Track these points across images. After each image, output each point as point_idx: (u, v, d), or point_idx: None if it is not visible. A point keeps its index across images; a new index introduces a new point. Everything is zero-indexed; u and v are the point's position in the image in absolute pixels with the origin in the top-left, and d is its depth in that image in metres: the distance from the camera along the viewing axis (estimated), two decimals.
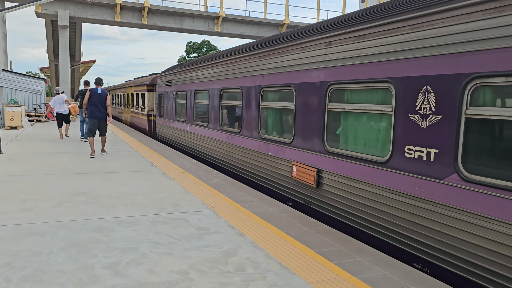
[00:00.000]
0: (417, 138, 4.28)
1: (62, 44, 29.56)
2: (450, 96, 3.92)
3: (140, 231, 4.73)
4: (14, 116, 18.15)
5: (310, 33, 6.33)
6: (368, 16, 5.23)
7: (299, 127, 6.39)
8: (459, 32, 3.80)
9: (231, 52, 9.57)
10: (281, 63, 6.97)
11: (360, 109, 5.16)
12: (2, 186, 6.88)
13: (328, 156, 5.68)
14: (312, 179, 5.96)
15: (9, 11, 11.59)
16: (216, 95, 9.96)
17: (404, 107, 4.45)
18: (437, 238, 3.98)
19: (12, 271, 3.59)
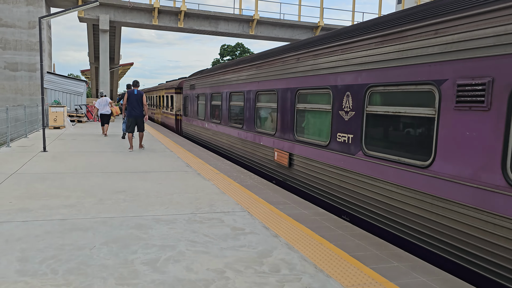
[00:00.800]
0: (343, 128, 6.17)
1: (103, 47, 30.62)
2: (360, 98, 5.75)
3: (177, 230, 4.85)
4: (57, 117, 18.97)
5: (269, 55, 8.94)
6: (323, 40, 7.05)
7: (280, 122, 8.37)
8: (360, 56, 5.77)
9: (238, 62, 11.89)
10: (269, 73, 9.00)
11: (312, 108, 7.14)
12: (47, 182, 7.22)
13: (296, 143, 7.63)
14: (286, 161, 7.90)
15: (54, 16, 12.13)
16: (226, 97, 12.01)
17: (336, 106, 6.32)
18: (354, 196, 5.85)
19: (58, 264, 3.77)
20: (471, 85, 4.04)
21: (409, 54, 4.83)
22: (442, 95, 4.38)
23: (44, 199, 6.11)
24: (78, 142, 13.78)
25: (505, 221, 3.62)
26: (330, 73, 6.43)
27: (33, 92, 25.54)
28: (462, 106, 4.15)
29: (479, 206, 3.89)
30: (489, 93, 3.86)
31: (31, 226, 4.82)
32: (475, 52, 3.98)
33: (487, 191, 3.83)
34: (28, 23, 25.16)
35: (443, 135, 4.36)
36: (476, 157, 3.99)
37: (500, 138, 3.76)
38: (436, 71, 4.46)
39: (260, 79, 9.42)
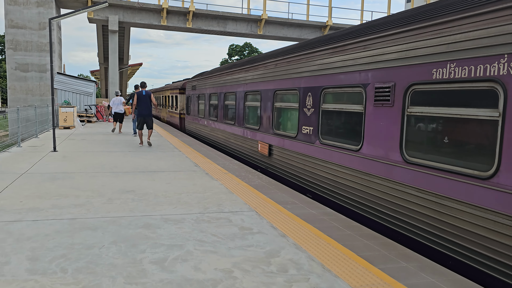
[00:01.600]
0: (306, 122, 7.53)
1: (112, 48, 30.85)
2: (317, 97, 7.15)
3: (185, 229, 4.87)
4: (67, 117, 19.14)
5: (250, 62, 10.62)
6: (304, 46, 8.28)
7: (262, 118, 9.77)
8: (318, 64, 7.10)
9: (230, 66, 13.36)
10: (255, 76, 10.40)
11: (286, 106, 8.55)
12: (57, 182, 7.30)
13: (274, 136, 9.02)
14: (266, 151, 9.37)
15: (65, 17, 12.24)
16: (221, 97, 13.45)
17: (302, 104, 7.69)
18: (313, 176, 7.22)
19: (68, 263, 3.81)
20: (383, 88, 5.45)
21: (348, 63, 6.26)
22: (367, 95, 5.80)
23: (54, 198, 6.17)
24: (88, 142, 13.90)
25: (401, 186, 5.05)
26: (298, 77, 7.88)
27: (43, 93, 25.83)
28: (378, 103, 5.55)
29: (387, 177, 5.30)
30: (392, 93, 5.26)
31: (41, 225, 4.87)
32: (385, 64, 5.43)
33: (392, 165, 5.23)
34: (39, 24, 25.44)
35: (367, 126, 5.77)
36: (386, 141, 5.36)
37: (399, 127, 5.13)
38: (363, 77, 5.89)
39: (248, 81, 10.83)
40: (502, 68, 3.80)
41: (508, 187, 3.72)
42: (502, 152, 3.79)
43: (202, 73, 18.44)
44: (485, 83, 4.00)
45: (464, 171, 4.17)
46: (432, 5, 5.18)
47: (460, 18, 4.33)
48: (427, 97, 4.73)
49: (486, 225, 3.91)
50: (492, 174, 3.87)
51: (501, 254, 3.77)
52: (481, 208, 3.96)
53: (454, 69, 4.31)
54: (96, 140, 14.40)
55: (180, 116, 22.69)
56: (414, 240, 4.87)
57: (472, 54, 4.12)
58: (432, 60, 4.60)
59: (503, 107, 3.80)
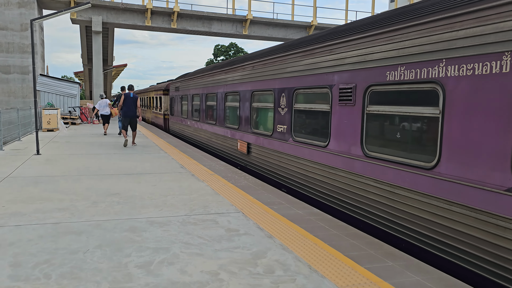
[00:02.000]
0: (280, 121, 8.01)
1: (96, 49, 30.48)
2: (290, 98, 7.62)
3: (171, 232, 4.84)
4: (51, 119, 18.85)
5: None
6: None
7: (241, 117, 10.21)
8: (290, 67, 7.60)
9: (212, 68, 13.80)
10: (234, 78, 10.87)
11: (262, 106, 8.98)
12: (41, 186, 7.18)
13: (252, 135, 9.47)
14: (245, 149, 9.83)
15: (47, 18, 12.04)
16: (203, 98, 13.90)
17: (276, 104, 8.18)
18: (287, 172, 7.73)
19: (51, 268, 3.74)
20: (346, 89, 5.94)
21: (316, 66, 6.70)
22: (333, 95, 6.27)
23: (38, 202, 6.07)
24: (72, 144, 13.71)
25: (361, 178, 5.54)
26: (273, 78, 8.38)
27: (26, 95, 25.39)
28: (342, 102, 6.03)
29: (350, 170, 5.80)
30: (354, 94, 5.74)
31: (24, 231, 4.78)
32: (347, 67, 5.90)
33: (354, 159, 5.72)
34: (21, 26, 25.00)
35: (333, 124, 6.26)
36: (349, 138, 5.84)
37: (359, 124, 5.62)
38: (329, 78, 6.35)
39: (228, 83, 11.30)
40: (441, 71, 4.31)
41: (447, 176, 4.23)
42: (442, 145, 4.29)
43: (185, 74, 18.92)
44: (428, 84, 4.50)
45: (412, 162, 4.69)
46: (387, 13, 5.78)
47: (407, 26, 4.82)
48: (382, 97, 5.25)
49: (429, 210, 4.43)
50: (434, 165, 4.38)
51: (442, 235, 4.27)
52: (426, 194, 4.47)
53: (404, 72, 4.81)
54: (80, 143, 14.21)
55: (165, 117, 23.14)
56: (373, 226, 5.35)
57: (417, 58, 4.61)
58: (386, 63, 5.10)
59: (442, 105, 4.30)
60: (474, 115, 3.95)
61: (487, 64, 3.81)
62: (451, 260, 4.16)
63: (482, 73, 3.87)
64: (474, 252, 3.89)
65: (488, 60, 3.80)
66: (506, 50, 3.63)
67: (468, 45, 4.00)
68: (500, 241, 3.65)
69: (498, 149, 3.70)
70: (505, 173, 3.62)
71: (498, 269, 3.69)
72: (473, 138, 3.95)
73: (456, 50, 4.14)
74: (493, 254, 3.72)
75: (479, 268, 3.87)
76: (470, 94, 3.98)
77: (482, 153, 3.85)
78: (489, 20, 3.81)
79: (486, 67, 3.83)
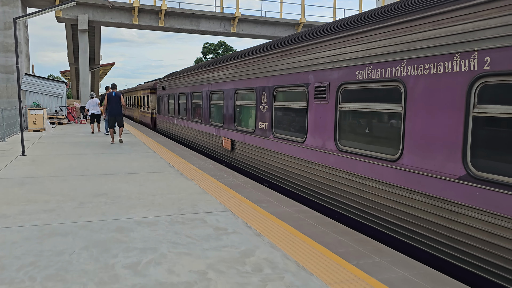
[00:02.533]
0: (262, 118, 8.30)
1: (82, 47, 30.10)
2: (270, 96, 7.92)
3: (159, 232, 4.80)
4: (37, 119, 18.59)
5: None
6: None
7: (225, 115, 10.50)
8: (270, 66, 7.89)
9: (197, 67, 14.09)
10: (218, 77, 11.13)
11: (245, 104, 9.27)
12: (26, 187, 7.07)
13: (236, 132, 9.76)
14: (229, 146, 10.11)
15: (31, 16, 11.85)
16: (189, 96, 14.20)
17: (258, 102, 8.46)
18: (268, 167, 8.03)
19: (36, 270, 3.69)
20: (320, 87, 6.25)
21: (294, 65, 7.04)
22: (309, 93, 6.57)
23: (23, 204, 5.97)
24: (59, 144, 13.54)
25: (335, 171, 5.90)
26: (254, 77, 8.66)
27: (11, 95, 24.98)
28: (317, 100, 6.35)
29: (324, 163, 6.16)
30: (328, 92, 6.07)
31: (8, 233, 4.70)
32: (321, 66, 6.22)
33: (328, 153, 6.08)
34: (4, 24, 24.58)
35: (310, 120, 6.57)
36: (324, 133, 6.17)
37: (333, 120, 5.96)
38: (305, 77, 6.67)
39: (212, 81, 11.66)
40: (402, 70, 4.65)
41: (409, 167, 4.59)
42: (405, 139, 4.64)
43: (172, 73, 19.15)
44: (392, 82, 4.84)
45: (379, 155, 5.04)
46: (357, 16, 6.12)
47: (373, 29, 5.16)
48: (352, 95, 5.60)
49: (394, 199, 4.77)
50: (398, 157, 4.74)
51: (405, 221, 4.61)
52: (390, 185, 4.83)
53: (371, 71, 5.16)
54: (67, 143, 14.04)
55: (152, 116, 23.24)
56: (345, 216, 5.71)
57: (382, 59, 4.95)
58: (356, 63, 5.44)
59: (404, 102, 4.65)
60: (430, 111, 4.31)
61: (441, 64, 4.17)
62: (414, 245, 4.51)
63: (437, 72, 4.22)
64: (432, 236, 4.27)
65: (442, 60, 4.15)
66: (457, 52, 3.98)
67: (424, 46, 4.36)
68: (452, 225, 4.03)
69: (451, 142, 4.06)
70: (457, 164, 3.99)
71: (451, 250, 4.07)
72: (430, 132, 4.31)
73: (415, 51, 4.48)
74: (447, 237, 4.10)
75: (436, 250, 4.24)
76: (427, 92, 4.34)
77: (438, 145, 4.22)
78: (442, 24, 4.17)
79: (440, 67, 4.19)
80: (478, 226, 3.76)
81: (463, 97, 3.93)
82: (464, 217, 3.90)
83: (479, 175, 3.78)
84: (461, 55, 3.94)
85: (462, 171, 3.92)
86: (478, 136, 3.83)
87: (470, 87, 3.85)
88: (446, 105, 4.11)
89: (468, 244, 3.87)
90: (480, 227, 3.74)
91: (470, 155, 3.89)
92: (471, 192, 3.83)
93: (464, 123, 3.92)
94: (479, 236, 3.76)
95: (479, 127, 3.82)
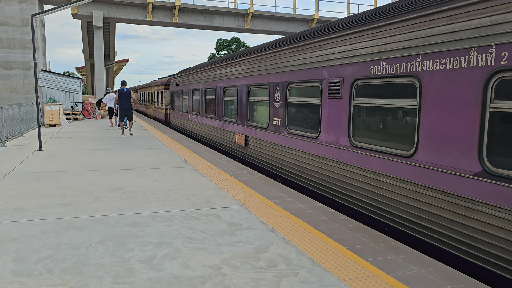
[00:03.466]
0: (275, 114, 8.34)
1: (97, 44, 30.42)
2: (283, 91, 7.92)
3: (173, 226, 4.84)
4: (53, 115, 18.87)
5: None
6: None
7: (239, 111, 10.58)
8: (283, 62, 7.93)
9: (211, 63, 14.15)
10: (231, 73, 11.19)
11: (258, 99, 9.34)
12: (43, 181, 7.19)
13: (249, 128, 9.83)
14: (243, 142, 10.19)
15: (47, 13, 12.00)
16: (203, 92, 14.33)
17: (271, 97, 8.49)
18: (281, 163, 8.08)
19: (54, 263, 3.75)
20: (334, 83, 6.25)
21: (307, 61, 7.04)
22: (323, 89, 6.59)
23: (40, 198, 6.08)
24: (74, 140, 13.72)
25: (348, 167, 5.88)
26: (268, 73, 8.70)
27: (28, 91, 25.40)
28: (331, 96, 6.36)
29: (337, 159, 6.18)
30: (341, 87, 6.06)
31: (26, 226, 4.79)
32: (335, 62, 6.21)
33: (342, 149, 6.04)
34: (21, 21, 24.96)
35: (323, 116, 6.59)
36: (338, 129, 6.17)
37: (347, 116, 5.95)
38: (319, 73, 6.67)
39: (225, 77, 11.71)
40: (418, 65, 4.62)
41: (423, 163, 4.56)
42: (419, 135, 4.62)
43: (186, 69, 19.19)
44: (407, 78, 4.81)
45: (393, 151, 5.03)
46: (372, 11, 6.08)
47: (388, 24, 5.13)
48: (367, 90, 5.59)
49: (408, 195, 4.75)
50: (412, 153, 4.71)
51: (420, 218, 4.59)
52: (405, 181, 4.80)
53: (386, 66, 5.13)
54: (82, 138, 14.23)
55: (166, 112, 23.46)
56: (359, 212, 5.69)
57: (397, 54, 4.92)
58: (370, 59, 5.42)
59: (419, 98, 4.61)
60: (446, 107, 4.28)
61: (457, 59, 4.13)
62: (429, 242, 4.49)
63: (453, 67, 4.18)
64: (447, 232, 4.23)
65: (458, 55, 4.11)
66: (473, 46, 3.93)
67: (440, 41, 4.31)
68: (468, 221, 3.99)
69: (467, 138, 4.03)
70: (473, 160, 3.95)
71: (466, 247, 4.02)
72: (445, 128, 4.29)
73: (430, 46, 4.45)
74: (462, 234, 4.06)
75: (451, 247, 4.21)
76: (443, 87, 4.30)
77: (453, 141, 4.19)
78: (458, 18, 4.12)
79: (456, 62, 4.14)
80: (494, 223, 3.71)
81: (479, 92, 3.87)
82: (480, 214, 3.85)
83: (496, 171, 3.73)
84: (478, 49, 3.88)
85: (478, 167, 3.88)
86: (495, 132, 3.77)
87: (487, 82, 3.79)
88: (462, 100, 4.07)
89: (484, 241, 3.81)
90: (496, 224, 3.69)
91: (486, 151, 3.84)
92: (487, 189, 3.78)
93: (480, 118, 3.87)
94: (495, 233, 3.71)
95: (496, 123, 3.76)
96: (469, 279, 3.54)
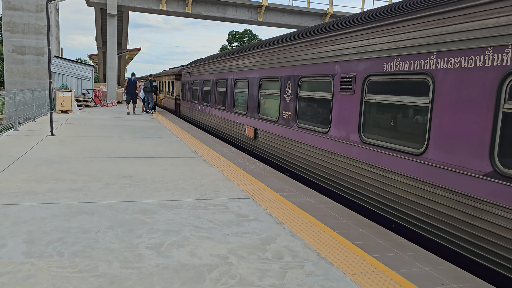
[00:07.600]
0: (286, 107, 8.35)
1: (110, 32, 30.48)
2: (295, 85, 7.94)
3: (182, 215, 4.89)
4: (65, 101, 19.04)
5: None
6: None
7: (249, 103, 10.61)
8: (296, 55, 7.93)
9: (223, 54, 14.27)
10: (243, 65, 11.32)
11: (269, 92, 9.35)
12: (55, 166, 7.29)
13: (259, 120, 9.83)
14: (252, 134, 10.20)
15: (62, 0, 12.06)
16: (214, 84, 14.32)
17: (282, 91, 8.50)
18: (290, 156, 8.07)
19: (64, 246, 3.82)
20: (346, 78, 6.24)
21: (320, 55, 7.03)
22: (334, 84, 6.57)
23: (51, 182, 6.17)
24: (86, 126, 13.86)
25: (357, 163, 5.88)
26: (280, 66, 8.70)
27: (40, 76, 25.60)
28: (343, 91, 6.34)
29: (346, 155, 6.15)
30: (354, 83, 6.04)
31: (38, 209, 4.88)
32: (348, 57, 6.21)
33: (351, 145, 6.05)
34: (36, 7, 25.11)
35: (334, 111, 6.57)
36: (349, 125, 6.15)
37: (358, 111, 5.93)
38: (332, 68, 6.65)
39: (237, 69, 11.73)
40: (432, 63, 4.60)
41: (433, 162, 4.54)
42: (430, 133, 4.59)
43: (197, 60, 19.49)
44: (420, 75, 4.78)
45: (403, 148, 5.00)
46: (387, 7, 6.05)
47: (403, 20, 5.10)
48: (379, 87, 5.56)
49: (416, 193, 4.73)
50: (423, 151, 4.69)
51: (427, 216, 4.57)
52: (414, 178, 4.78)
53: (399, 63, 5.11)
54: (93, 125, 14.35)
55: (176, 102, 23.59)
56: (366, 208, 5.67)
57: (411, 51, 4.89)
58: (384, 55, 5.39)
59: (432, 96, 4.59)
60: (458, 106, 4.26)
61: (472, 58, 4.09)
62: (435, 240, 4.48)
63: (468, 66, 4.14)
64: (454, 232, 4.22)
65: (473, 54, 4.08)
66: (489, 46, 3.90)
67: (456, 39, 4.28)
68: (476, 221, 3.97)
69: (478, 138, 4.00)
70: (484, 160, 3.93)
71: (474, 247, 4.01)
72: (457, 127, 4.28)
73: (445, 44, 4.42)
74: (470, 234, 4.04)
75: (458, 246, 4.19)
76: (456, 86, 4.27)
77: (465, 141, 4.17)
78: (475, 17, 4.08)
79: (471, 61, 4.11)
80: (503, 224, 3.70)
81: (493, 92, 3.85)
82: (488, 214, 3.84)
83: (506, 172, 3.71)
84: (493, 49, 3.85)
85: (489, 168, 3.86)
86: (507, 133, 3.75)
87: (502, 82, 3.76)
88: (476, 100, 4.04)
89: (492, 242, 3.81)
90: (505, 225, 3.68)
91: (498, 152, 3.82)
92: (497, 189, 3.76)
93: (493, 119, 3.85)
94: (503, 234, 3.70)
95: (509, 124, 3.74)
96: (474, 279, 3.54)
